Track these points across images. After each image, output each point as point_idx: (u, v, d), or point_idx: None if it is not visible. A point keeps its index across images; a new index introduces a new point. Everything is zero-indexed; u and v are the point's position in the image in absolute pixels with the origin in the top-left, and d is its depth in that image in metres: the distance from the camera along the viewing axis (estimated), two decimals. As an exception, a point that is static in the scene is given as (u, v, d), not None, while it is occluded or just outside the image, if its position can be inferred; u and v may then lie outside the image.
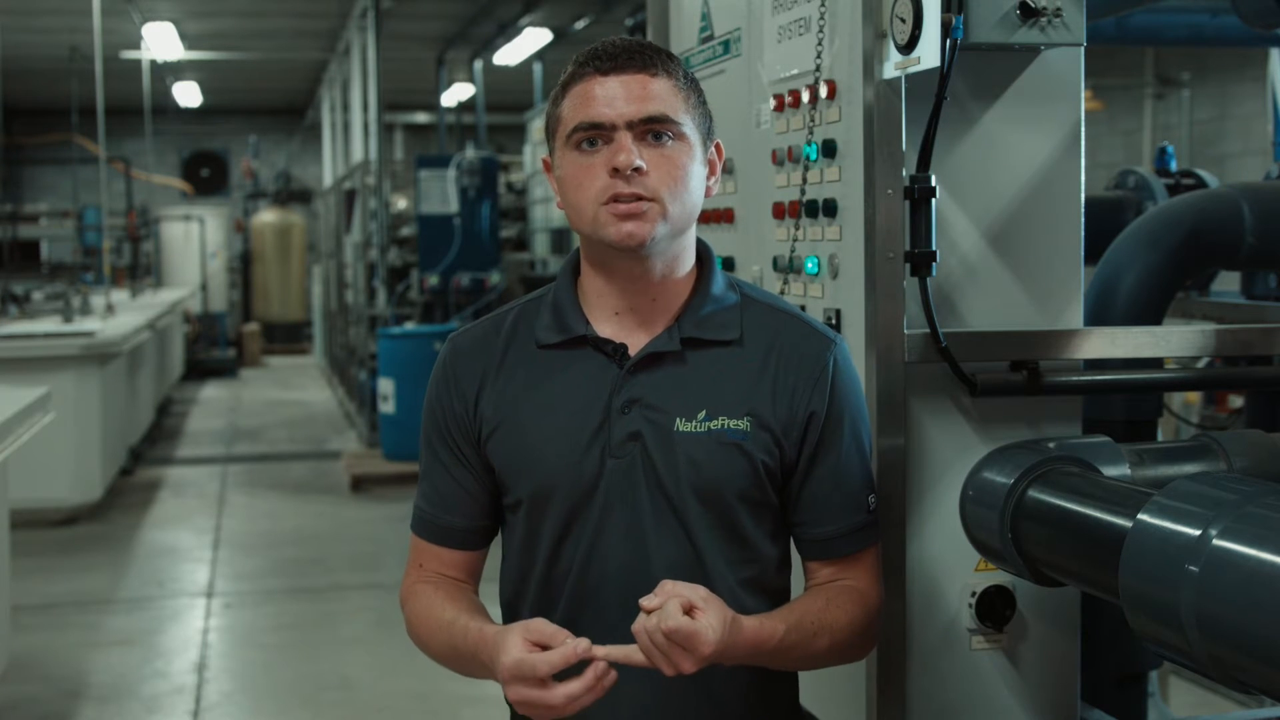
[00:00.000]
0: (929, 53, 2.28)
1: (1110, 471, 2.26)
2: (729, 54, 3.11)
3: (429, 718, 5.52)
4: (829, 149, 2.57)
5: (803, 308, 2.66)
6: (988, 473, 2.27)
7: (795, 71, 2.72)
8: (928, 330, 2.36)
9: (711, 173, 1.94)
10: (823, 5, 2.58)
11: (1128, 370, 2.60)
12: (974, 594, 2.43)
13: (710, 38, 3.22)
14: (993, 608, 2.42)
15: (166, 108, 21.84)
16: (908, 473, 2.40)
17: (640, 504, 1.87)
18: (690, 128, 1.88)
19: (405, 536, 7.27)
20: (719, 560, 1.88)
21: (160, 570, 7.71)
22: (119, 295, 13.01)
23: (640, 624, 1.70)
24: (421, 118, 22.53)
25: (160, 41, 15.92)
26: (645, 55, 1.86)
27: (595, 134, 1.83)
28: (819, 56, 2.58)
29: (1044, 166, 2.51)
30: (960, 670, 2.46)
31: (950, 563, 2.45)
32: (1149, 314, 2.87)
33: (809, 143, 2.60)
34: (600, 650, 1.70)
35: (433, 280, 11.14)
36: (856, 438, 1.94)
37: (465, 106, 19.50)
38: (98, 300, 11.19)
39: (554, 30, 14.55)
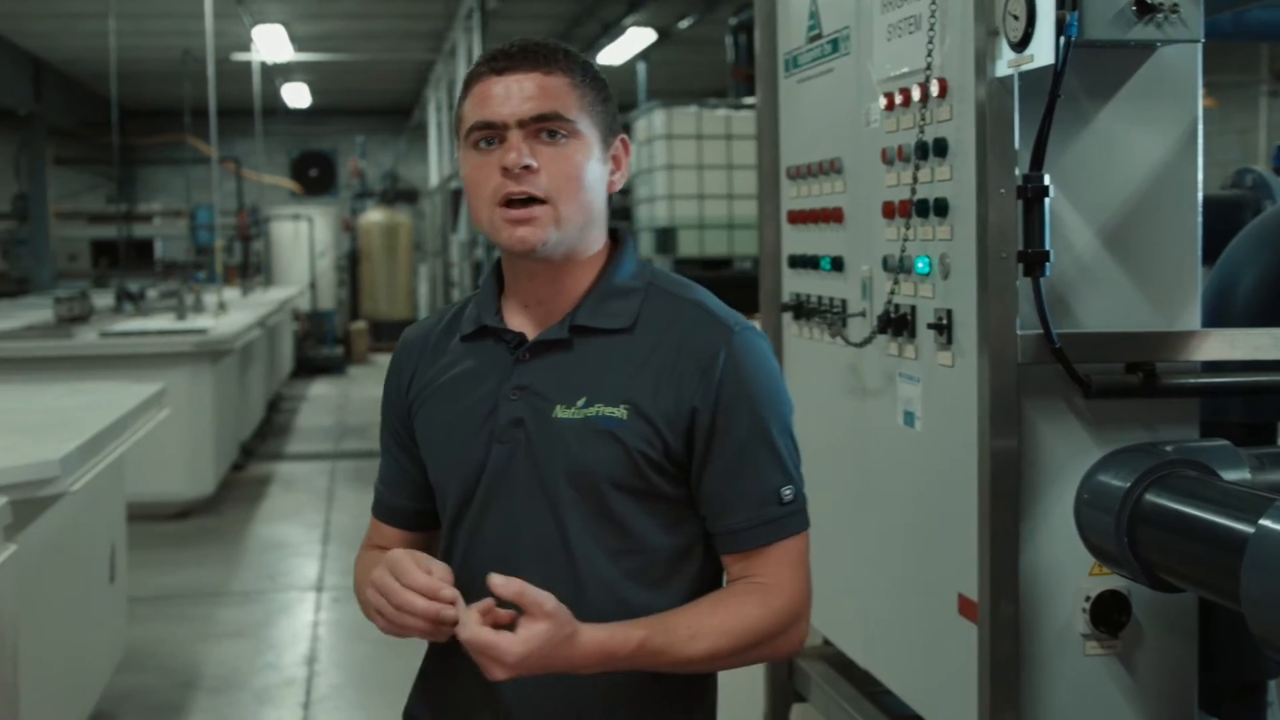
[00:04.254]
0: (1043, 50, 2.25)
1: (1229, 476, 2.22)
2: (837, 52, 3.09)
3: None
4: (940, 147, 2.55)
5: (912, 309, 2.65)
6: (1103, 476, 2.25)
7: (905, 70, 2.70)
8: (1041, 331, 2.34)
9: (616, 168, 1.94)
10: (933, 3, 2.56)
11: (1246, 372, 2.55)
12: (1088, 599, 2.40)
13: (818, 36, 3.21)
14: (1107, 613, 2.39)
15: (276, 109, 22.16)
16: (1021, 475, 2.37)
17: (518, 490, 1.88)
18: (586, 125, 1.87)
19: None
20: (592, 549, 1.86)
21: (271, 564, 7.82)
22: (230, 293, 13.19)
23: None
24: (526, 117, 22.58)
25: (270, 43, 16.15)
26: (540, 54, 1.87)
27: (490, 133, 1.85)
28: (930, 54, 2.57)
29: (1160, 165, 2.47)
30: (1074, 676, 2.43)
31: (1064, 567, 2.42)
32: (1268, 315, 2.81)
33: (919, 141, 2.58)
34: (454, 610, 1.71)
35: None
36: (761, 429, 1.85)
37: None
38: (210, 298, 11.35)
39: (658, 30, 14.55)
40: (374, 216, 22.15)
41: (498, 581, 1.69)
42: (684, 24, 13.99)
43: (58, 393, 5.49)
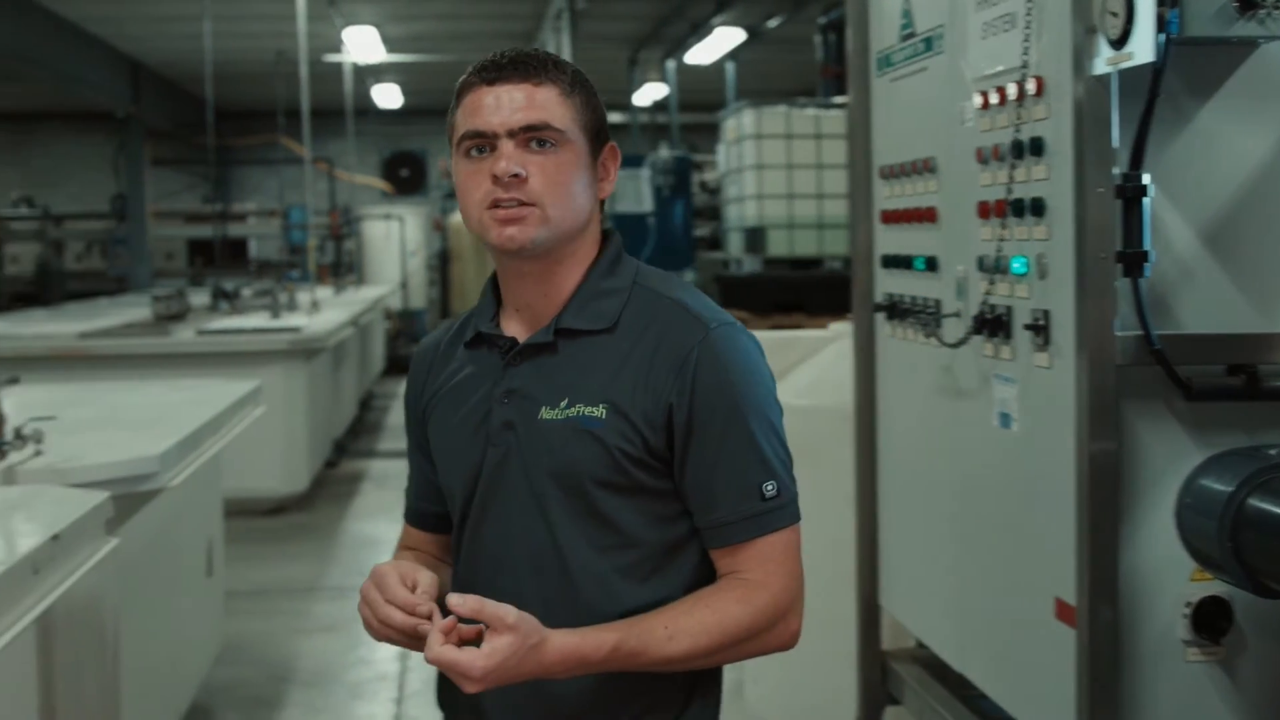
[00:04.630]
0: (1142, 48, 2.23)
1: (1335, 480, 2.18)
2: (931, 51, 3.07)
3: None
4: (1036, 146, 2.52)
5: (1008, 309, 2.63)
6: (1206, 480, 2.22)
7: (1001, 68, 2.68)
8: (1140, 332, 2.31)
9: (605, 175, 1.99)
10: (1029, 0, 2.54)
11: (1352, 375, 2.50)
12: (1189, 604, 2.37)
13: (912, 35, 3.19)
14: (1209, 619, 2.36)
15: (367, 109, 22.36)
16: (1120, 478, 2.34)
17: (510, 492, 1.94)
18: (575, 133, 1.92)
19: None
20: (581, 548, 1.90)
21: (363, 560, 7.89)
22: (323, 292, 13.34)
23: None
24: (614, 117, 22.64)
25: (362, 45, 16.31)
26: (529, 65, 1.92)
27: (481, 142, 1.90)
28: (1026, 52, 2.54)
29: (1261, 164, 2.43)
30: (1174, 683, 2.40)
31: (1164, 572, 2.39)
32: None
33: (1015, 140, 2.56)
34: (429, 623, 1.76)
35: (626, 278, 11.20)
36: (738, 425, 1.88)
37: (658, 106, 19.58)
38: (303, 297, 11.47)
39: (747, 29, 14.52)
40: (464, 216, 22.25)
41: (454, 600, 1.74)
42: (773, 23, 13.95)
43: (156, 389, 5.58)
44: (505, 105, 1.88)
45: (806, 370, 4.58)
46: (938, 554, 3.12)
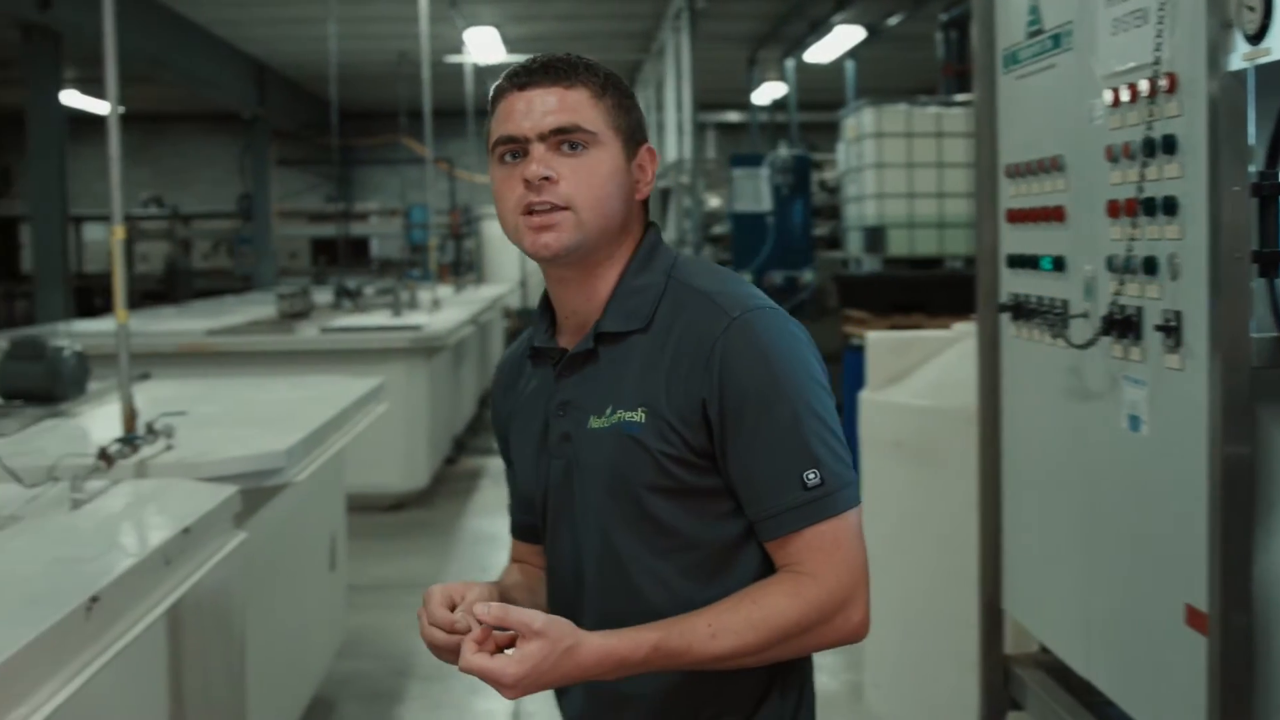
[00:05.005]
0: (1281, 43, 2.18)
1: None
2: (1059, 48, 3.03)
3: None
4: (1169, 144, 2.48)
5: (1138, 310, 2.58)
6: (1343, 485, 2.16)
7: (1132, 65, 2.63)
8: (1276, 334, 2.26)
9: (643, 176, 1.97)
10: (1163, -4, 2.49)
11: None
12: (1325, 612, 2.31)
13: (1039, 31, 3.15)
14: (1346, 627, 2.30)
15: (487, 109, 22.51)
16: (1255, 482, 2.29)
17: (574, 504, 1.95)
18: (608, 135, 1.91)
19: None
20: (643, 553, 1.89)
21: (482, 556, 7.96)
22: (444, 290, 13.46)
23: None
24: (733, 117, 22.66)
25: (482, 46, 16.46)
26: (560, 69, 1.91)
27: (514, 147, 1.90)
28: (1158, 49, 2.49)
29: (1405, 161, 2.36)
30: (1311, 691, 2.34)
31: (1300, 578, 2.33)
32: None
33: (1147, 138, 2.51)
34: (470, 638, 1.75)
35: (746, 278, 11.18)
36: (772, 413, 1.82)
37: (777, 105, 19.53)
38: (424, 295, 11.59)
39: (867, 27, 14.44)
40: (582, 215, 22.35)
41: (480, 610, 1.74)
42: (893, 21, 13.85)
43: (281, 386, 5.67)
44: (536, 109, 1.88)
45: (929, 371, 4.54)
46: (1063, 557, 3.08)
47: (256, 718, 3.99)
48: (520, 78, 1.91)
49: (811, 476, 1.82)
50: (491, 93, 1.96)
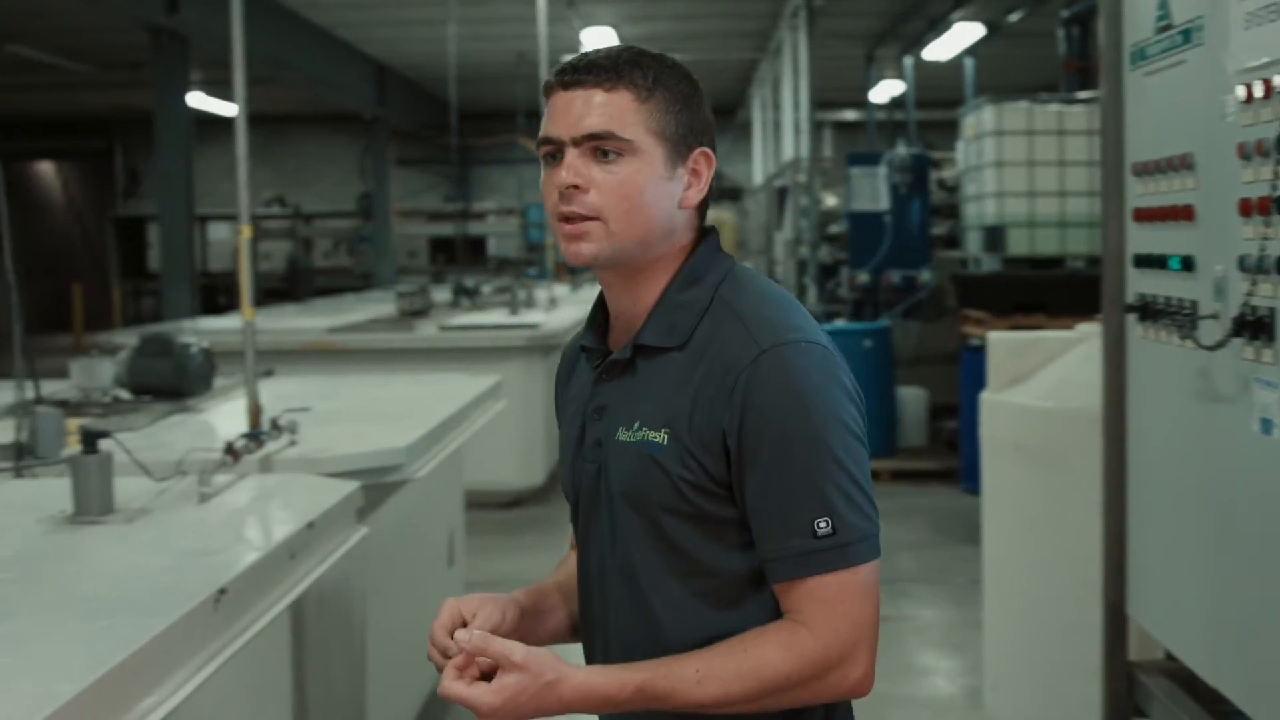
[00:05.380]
0: None
1: None
2: (1189, 43, 2.97)
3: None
4: (1305, 142, 2.42)
5: (1271, 311, 2.52)
6: None
7: (1266, 60, 2.57)
8: None
9: (694, 181, 1.88)
10: (1300, -11, 2.43)
11: None
12: None
13: (1168, 27, 3.09)
14: None
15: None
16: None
17: (601, 510, 1.90)
18: (649, 142, 1.82)
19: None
20: (660, 572, 1.84)
21: (596, 555, 7.98)
22: (560, 289, 13.54)
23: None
24: (850, 115, 22.53)
25: (599, 45, 16.50)
26: (604, 68, 1.83)
27: (553, 149, 1.84)
28: (1295, 43, 2.44)
29: None
30: None
31: None
32: None
33: (1282, 135, 2.45)
34: (452, 664, 1.75)
35: (863, 277, 11.10)
36: (789, 454, 1.74)
37: (895, 103, 19.38)
38: (541, 294, 11.65)
39: (986, 24, 14.27)
40: (698, 214, 22.35)
41: (461, 637, 1.73)
42: (1013, 17, 13.67)
43: (401, 383, 5.74)
44: (574, 112, 1.81)
45: (1052, 372, 4.48)
46: (1191, 563, 3.01)
47: (376, 711, 4.04)
48: (566, 75, 1.85)
49: (823, 525, 1.74)
50: (543, 87, 1.90)
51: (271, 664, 2.93)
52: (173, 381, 4.77)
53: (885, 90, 19.08)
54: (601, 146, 1.80)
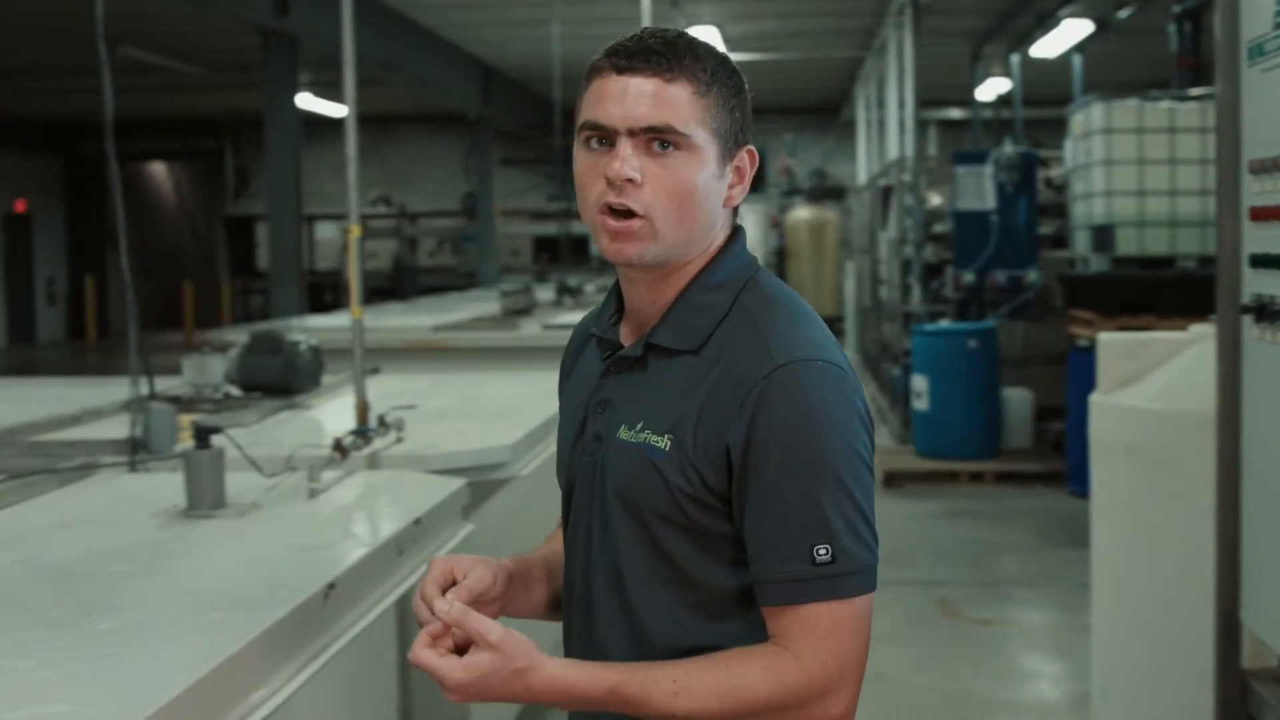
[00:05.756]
0: None
1: None
2: (1310, 38, 2.91)
3: None
4: None
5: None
6: None
7: (1390, 55, 2.51)
8: None
9: (738, 180, 1.82)
10: None
11: None
12: None
13: (1288, 22, 3.02)
14: None
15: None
16: None
17: (594, 504, 1.84)
18: (704, 137, 1.75)
19: (938, 535, 7.32)
20: (647, 577, 1.78)
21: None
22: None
23: None
24: (955, 113, 22.32)
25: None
26: (665, 56, 1.75)
27: (600, 134, 1.75)
28: None
29: None
30: None
31: None
32: None
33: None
34: (441, 620, 1.71)
35: (968, 277, 11.00)
36: (794, 477, 1.68)
37: (1001, 101, 19.17)
38: (642, 293, 11.66)
39: (1095, 20, 14.07)
40: (801, 214, 22.32)
41: (440, 606, 1.69)
42: (1123, 13, 13.47)
43: (505, 381, 5.77)
44: (630, 99, 1.73)
45: (1164, 374, 4.41)
46: (1307, 570, 2.95)
47: (479, 709, 4.06)
48: (620, 58, 1.76)
49: (823, 552, 1.68)
50: (588, 66, 1.81)
51: (378, 659, 2.95)
52: (282, 378, 4.84)
53: (991, 88, 18.88)
54: (660, 139, 1.73)
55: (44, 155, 26.37)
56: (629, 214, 1.74)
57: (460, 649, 1.70)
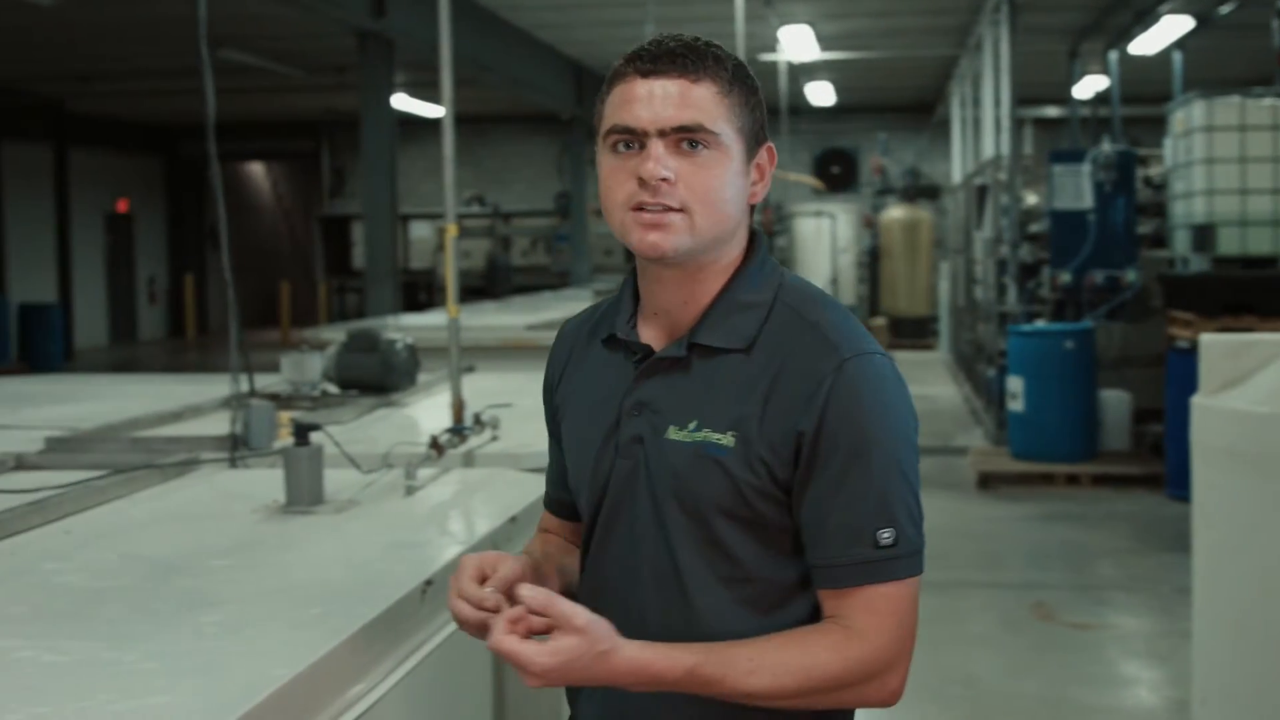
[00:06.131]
0: None
1: None
2: None
3: (1056, 724, 5.41)
4: None
5: None
6: None
7: None
8: None
9: (759, 178, 1.86)
10: None
11: None
12: None
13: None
14: None
15: (800, 107, 22.56)
16: None
17: (636, 507, 1.85)
18: (730, 135, 1.80)
19: (1033, 537, 7.25)
20: (703, 573, 1.81)
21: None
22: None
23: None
24: (1051, 111, 22.07)
25: (796, 44, 16.46)
26: (688, 58, 1.79)
27: (629, 138, 1.79)
28: None
29: None
30: None
31: None
32: None
33: None
34: (499, 616, 1.71)
35: (1065, 277, 10.87)
36: (861, 464, 1.75)
37: (1099, 99, 18.93)
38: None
39: (1195, 16, 13.87)
40: (895, 213, 22.18)
41: (525, 592, 1.69)
42: (1224, 9, 13.25)
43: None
44: (658, 101, 1.77)
45: (1268, 376, 4.33)
46: None
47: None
48: (644, 63, 1.80)
49: (886, 536, 1.76)
50: (610, 73, 1.84)
51: (473, 656, 2.97)
52: (379, 376, 4.89)
53: (1089, 85, 18.66)
54: (690, 138, 1.78)
55: (145, 156, 26.85)
56: (664, 210, 1.78)
57: (531, 635, 1.71)
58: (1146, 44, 15.24)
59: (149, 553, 2.79)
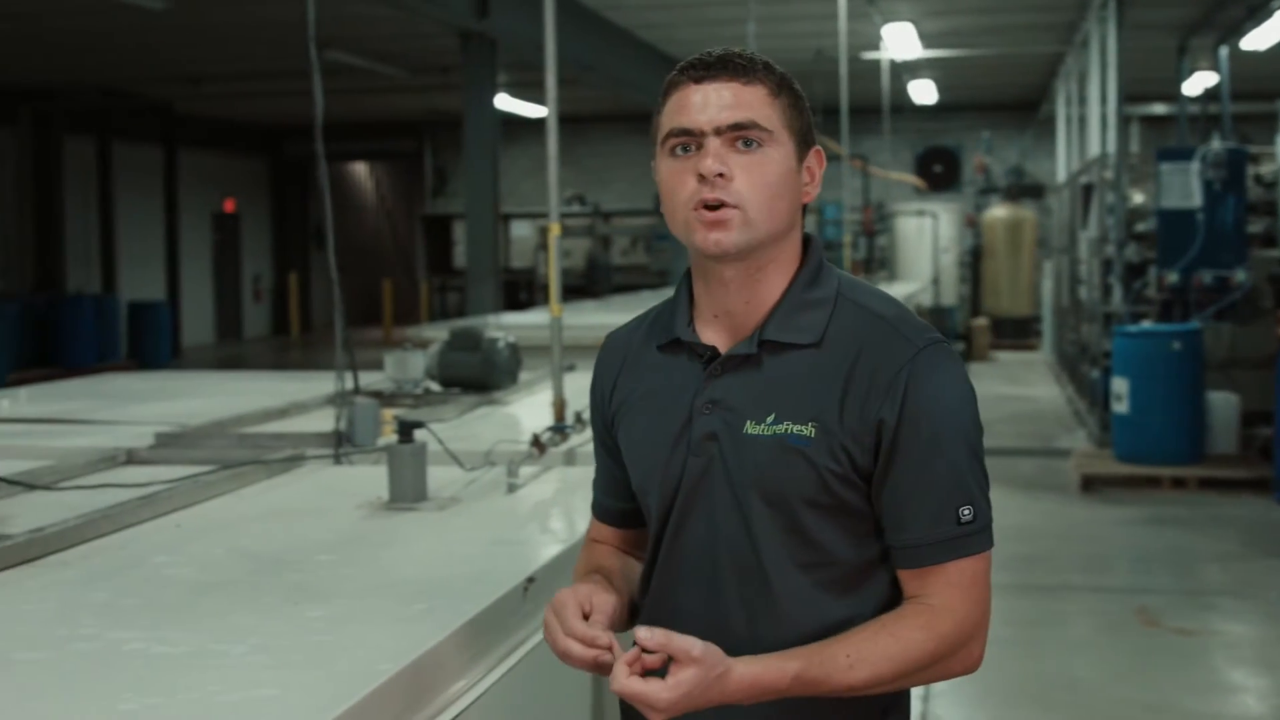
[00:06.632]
0: None
1: None
2: None
3: (1161, 731, 5.32)
4: None
5: None
6: None
7: None
8: None
9: (810, 179, 1.93)
10: None
11: None
12: None
13: None
14: None
15: (902, 106, 22.40)
16: None
17: (713, 502, 1.90)
18: (782, 134, 1.88)
19: (1137, 541, 7.16)
20: (785, 563, 1.87)
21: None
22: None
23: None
24: (1159, 109, 21.74)
25: (899, 41, 16.35)
26: (738, 64, 1.87)
27: (687, 140, 1.86)
28: None
29: None
30: None
31: None
32: None
33: None
34: (611, 655, 1.76)
35: (1172, 277, 10.70)
36: (941, 447, 1.84)
37: (1209, 95, 18.60)
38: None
39: (1311, 10, 13.58)
40: (998, 212, 21.97)
41: (643, 634, 1.72)
42: (1343, 3, 12.97)
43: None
44: (713, 103, 1.86)
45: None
46: None
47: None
48: (696, 71, 1.88)
49: (966, 512, 1.85)
50: (664, 84, 1.93)
51: (573, 652, 3.00)
52: (481, 374, 4.93)
53: (1198, 82, 18.34)
54: (745, 136, 1.85)
55: (251, 156, 27.26)
56: (722, 206, 1.84)
57: (646, 673, 1.75)
58: (1258, 39, 14.96)
59: (256, 547, 2.83)
